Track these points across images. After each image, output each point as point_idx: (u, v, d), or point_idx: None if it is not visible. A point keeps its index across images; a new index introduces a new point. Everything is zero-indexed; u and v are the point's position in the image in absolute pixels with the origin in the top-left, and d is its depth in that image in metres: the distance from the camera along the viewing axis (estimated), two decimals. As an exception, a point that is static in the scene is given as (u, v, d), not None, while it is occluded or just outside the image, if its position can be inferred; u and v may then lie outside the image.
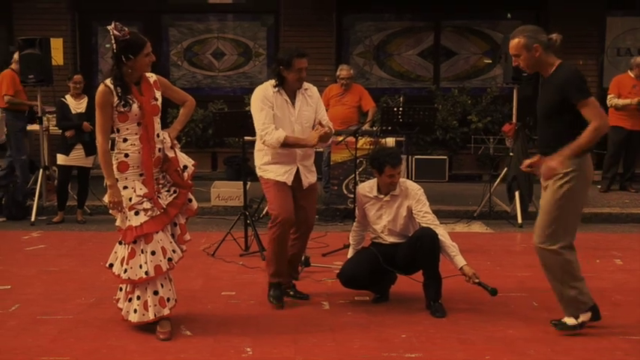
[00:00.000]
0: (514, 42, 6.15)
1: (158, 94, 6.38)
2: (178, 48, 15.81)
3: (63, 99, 11.33)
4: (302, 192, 7.20)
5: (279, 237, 7.05)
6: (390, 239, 7.22)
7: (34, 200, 11.57)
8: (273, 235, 7.07)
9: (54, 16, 14.96)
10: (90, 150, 11.23)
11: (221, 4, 16.17)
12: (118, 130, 6.23)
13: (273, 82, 7.08)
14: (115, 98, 6.12)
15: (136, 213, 6.19)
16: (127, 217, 6.25)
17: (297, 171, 7.13)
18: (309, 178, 7.24)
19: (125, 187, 6.21)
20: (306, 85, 7.18)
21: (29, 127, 13.03)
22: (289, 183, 7.09)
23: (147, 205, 6.19)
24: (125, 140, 6.22)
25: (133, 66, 6.18)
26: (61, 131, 11.25)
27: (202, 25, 15.93)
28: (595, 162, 14.59)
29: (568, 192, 6.01)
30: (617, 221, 11.71)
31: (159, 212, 6.25)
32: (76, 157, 11.19)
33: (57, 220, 11.43)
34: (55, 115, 11.64)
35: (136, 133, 6.21)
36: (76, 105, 11.22)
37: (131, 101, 6.14)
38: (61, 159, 11.27)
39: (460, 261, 6.95)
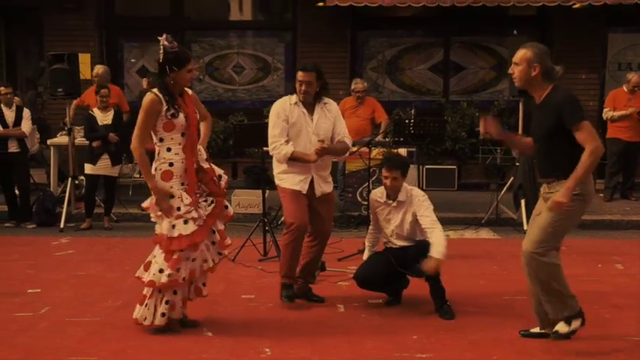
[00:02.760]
0: (521, 52, 5.98)
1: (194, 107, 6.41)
2: (200, 63, 15.82)
3: (90, 111, 11.40)
4: (318, 201, 7.21)
5: (293, 243, 7.08)
6: (399, 242, 7.22)
7: (63, 208, 11.62)
8: (287, 241, 7.11)
9: (82, 32, 15.01)
10: (116, 160, 11.31)
11: (241, 21, 16.22)
12: (162, 140, 6.20)
13: (294, 96, 7.14)
14: (164, 107, 6.12)
15: (185, 222, 6.15)
16: (173, 226, 6.17)
17: (313, 180, 7.15)
18: (323, 187, 7.24)
19: (171, 196, 6.16)
20: (325, 99, 7.23)
21: (55, 140, 13.13)
22: (304, 191, 7.11)
23: (194, 214, 6.19)
24: (169, 150, 6.20)
25: (175, 78, 6.18)
26: (87, 142, 11.31)
27: (223, 41, 15.96)
28: (597, 171, 14.64)
29: (568, 213, 5.85)
30: (619, 228, 11.67)
31: (202, 222, 6.26)
32: (103, 166, 11.23)
33: (85, 226, 11.46)
34: (82, 127, 11.72)
35: (179, 143, 6.21)
36: (103, 117, 11.27)
37: (179, 111, 6.16)
38: (88, 168, 11.31)
39: (434, 252, 6.79)
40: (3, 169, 11.78)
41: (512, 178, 11.80)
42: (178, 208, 6.14)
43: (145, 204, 6.43)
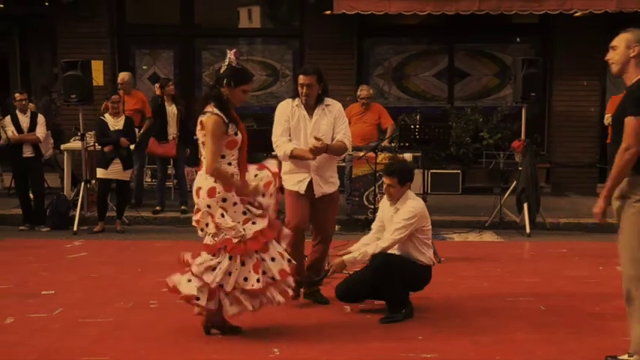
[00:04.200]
0: (620, 35, 5.50)
1: None
2: (210, 69, 15.84)
3: (102, 117, 11.43)
4: (319, 202, 7.23)
5: (292, 241, 7.07)
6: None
7: (76, 211, 11.65)
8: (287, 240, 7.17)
9: (95, 40, 15.03)
10: (127, 164, 11.35)
11: (250, 28, 16.25)
12: (223, 156, 6.14)
13: (297, 99, 7.21)
14: (228, 127, 6.12)
15: (254, 222, 6.15)
16: (244, 229, 6.09)
17: (312, 180, 7.17)
18: (324, 188, 7.21)
19: (235, 204, 6.09)
20: (328, 101, 7.23)
21: (68, 145, 13.18)
22: (302, 192, 7.15)
23: (257, 211, 6.23)
24: (230, 164, 6.17)
25: (229, 93, 6.20)
26: (100, 147, 11.36)
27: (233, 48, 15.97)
28: (598, 176, 14.64)
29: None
30: (620, 231, 11.64)
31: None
32: (115, 170, 11.26)
33: (97, 229, 11.48)
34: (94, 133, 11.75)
35: (236, 158, 6.22)
36: (114, 122, 11.31)
37: (238, 129, 6.21)
38: (100, 172, 11.34)
39: (348, 255, 7.01)
40: (18, 173, 11.86)
41: (515, 182, 11.79)
42: (244, 212, 6.12)
43: (195, 217, 6.34)
